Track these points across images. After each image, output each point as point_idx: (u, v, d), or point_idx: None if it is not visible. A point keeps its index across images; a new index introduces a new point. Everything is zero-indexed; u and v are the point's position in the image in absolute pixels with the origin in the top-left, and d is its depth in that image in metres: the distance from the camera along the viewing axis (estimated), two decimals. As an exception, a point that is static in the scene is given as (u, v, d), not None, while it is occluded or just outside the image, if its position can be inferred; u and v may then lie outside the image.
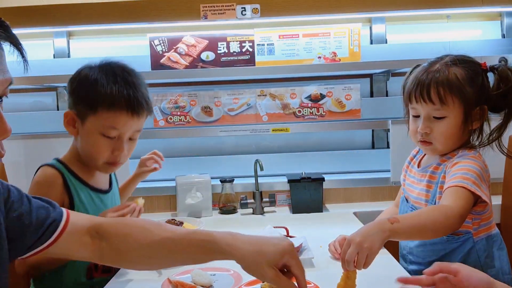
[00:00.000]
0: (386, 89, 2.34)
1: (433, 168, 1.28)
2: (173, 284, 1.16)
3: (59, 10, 2.05)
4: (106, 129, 1.21)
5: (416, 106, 1.26)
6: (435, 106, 1.21)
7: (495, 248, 1.24)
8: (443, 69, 1.22)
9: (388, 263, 1.31)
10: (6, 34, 0.65)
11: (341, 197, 2.16)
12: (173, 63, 2.18)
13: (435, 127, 1.23)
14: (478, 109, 1.21)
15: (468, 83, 1.20)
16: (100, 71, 1.23)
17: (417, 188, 1.32)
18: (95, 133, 1.22)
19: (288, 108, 2.20)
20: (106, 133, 1.22)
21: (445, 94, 1.19)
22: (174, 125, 2.20)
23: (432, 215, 1.08)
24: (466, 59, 1.25)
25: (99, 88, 1.20)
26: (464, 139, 1.26)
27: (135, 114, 1.21)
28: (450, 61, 1.23)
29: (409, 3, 2.08)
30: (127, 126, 1.22)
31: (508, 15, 2.32)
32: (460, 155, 1.23)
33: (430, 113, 1.23)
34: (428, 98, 1.21)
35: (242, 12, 2.06)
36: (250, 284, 1.15)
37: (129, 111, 1.20)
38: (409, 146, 1.44)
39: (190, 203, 1.99)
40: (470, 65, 1.23)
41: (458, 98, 1.20)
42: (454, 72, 1.21)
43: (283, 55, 2.19)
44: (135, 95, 1.21)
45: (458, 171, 1.18)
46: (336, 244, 1.39)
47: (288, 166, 2.27)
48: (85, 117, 1.23)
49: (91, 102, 1.21)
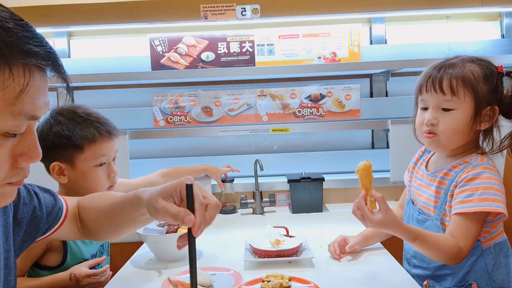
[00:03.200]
0: (386, 89, 2.34)
1: (443, 174, 1.25)
2: (173, 284, 1.17)
3: (59, 10, 2.06)
4: (98, 158, 1.37)
5: (426, 96, 1.23)
6: (446, 96, 1.19)
7: (501, 255, 1.22)
8: (459, 64, 1.21)
9: (391, 266, 1.31)
10: (53, 67, 0.67)
11: (341, 197, 2.16)
12: (173, 63, 2.18)
13: (442, 119, 1.20)
14: (489, 109, 1.19)
15: (482, 81, 1.18)
16: (66, 120, 1.36)
17: (425, 193, 1.29)
18: (90, 167, 1.37)
19: (288, 108, 2.21)
20: (100, 163, 1.38)
21: (457, 86, 1.18)
22: (174, 125, 2.21)
23: (447, 251, 1.14)
24: (483, 58, 1.23)
25: (75, 132, 1.35)
26: (470, 139, 1.23)
27: (113, 136, 1.41)
28: (467, 58, 1.22)
29: (409, 3, 2.08)
30: (111, 148, 1.41)
31: (507, 15, 2.32)
32: (474, 165, 1.19)
33: (439, 104, 1.21)
34: (439, 88, 1.19)
35: (242, 12, 2.06)
36: (250, 284, 1.15)
37: (107, 135, 1.39)
38: (409, 146, 1.44)
39: (190, 203, 1.99)
40: (487, 65, 1.21)
41: (470, 93, 1.18)
42: (470, 68, 1.19)
43: (283, 55, 2.19)
44: (104, 121, 1.41)
45: (482, 190, 1.15)
46: (336, 244, 1.39)
47: (288, 166, 2.27)
48: (72, 161, 1.37)
49: (75, 145, 1.35)
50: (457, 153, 1.25)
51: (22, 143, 0.67)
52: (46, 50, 0.64)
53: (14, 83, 0.60)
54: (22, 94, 0.61)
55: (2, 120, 0.61)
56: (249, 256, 1.35)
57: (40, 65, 0.63)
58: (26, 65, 0.61)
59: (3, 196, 0.70)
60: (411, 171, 1.40)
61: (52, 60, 0.65)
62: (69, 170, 1.37)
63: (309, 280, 1.15)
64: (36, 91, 0.64)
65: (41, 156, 0.70)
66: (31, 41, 0.62)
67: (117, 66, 2.27)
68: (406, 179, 1.44)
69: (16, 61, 0.60)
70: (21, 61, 0.60)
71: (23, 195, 0.93)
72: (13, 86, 0.60)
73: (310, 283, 1.14)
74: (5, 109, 0.61)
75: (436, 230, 1.22)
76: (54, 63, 0.66)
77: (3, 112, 0.61)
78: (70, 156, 1.35)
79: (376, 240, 1.45)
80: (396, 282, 1.17)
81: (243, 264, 1.32)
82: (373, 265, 1.31)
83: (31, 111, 0.64)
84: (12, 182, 0.69)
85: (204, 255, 1.45)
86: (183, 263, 1.36)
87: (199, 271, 1.19)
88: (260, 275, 1.17)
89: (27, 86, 0.62)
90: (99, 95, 2.34)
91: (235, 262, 1.34)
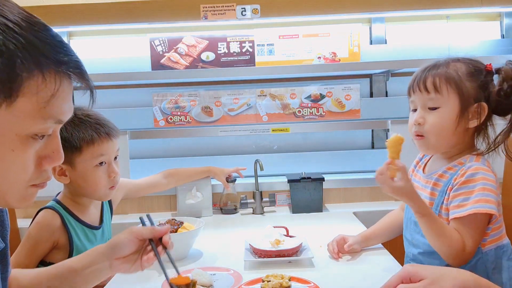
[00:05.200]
0: (386, 89, 2.34)
1: (438, 176, 1.25)
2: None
3: (59, 10, 2.06)
4: (97, 158, 1.38)
5: (413, 97, 1.25)
6: (430, 95, 1.20)
7: (504, 258, 1.20)
8: (444, 63, 1.22)
9: (392, 267, 1.31)
10: (80, 75, 0.71)
11: (341, 197, 2.16)
12: (173, 63, 2.18)
13: (428, 118, 1.21)
14: (476, 106, 1.18)
15: (467, 78, 1.19)
16: (65, 122, 1.37)
17: (422, 194, 1.28)
18: (90, 168, 1.39)
19: (288, 108, 2.21)
20: (99, 162, 1.39)
21: (440, 83, 1.19)
22: (174, 125, 2.21)
23: (450, 242, 1.14)
24: (470, 57, 1.24)
25: (73, 134, 1.36)
26: (463, 140, 1.23)
27: (112, 137, 1.41)
28: (454, 58, 1.23)
29: (409, 3, 2.08)
30: (110, 148, 1.41)
31: (507, 15, 2.32)
32: (469, 166, 1.19)
33: (425, 103, 1.22)
34: (423, 87, 1.21)
35: (242, 12, 2.06)
36: (250, 284, 1.15)
37: (106, 136, 1.40)
38: (409, 146, 1.44)
39: (190, 203, 1.99)
40: (473, 63, 1.22)
41: (454, 89, 1.18)
42: (454, 67, 1.20)
43: (283, 55, 2.19)
44: (104, 123, 1.42)
45: (477, 192, 1.15)
46: (334, 243, 1.39)
47: (288, 166, 2.27)
48: (72, 161, 1.38)
49: (73, 146, 1.36)
50: (453, 154, 1.25)
51: (47, 146, 0.72)
52: (74, 60, 0.70)
53: (46, 88, 0.66)
54: (52, 98, 0.67)
55: (34, 123, 0.66)
56: (249, 256, 1.35)
57: (69, 73, 0.69)
58: (58, 72, 0.67)
59: (26, 198, 0.73)
60: (411, 175, 1.40)
61: (79, 68, 0.71)
62: (70, 171, 1.39)
63: (309, 280, 1.15)
64: (64, 97, 0.69)
65: (63, 159, 0.74)
66: (61, 50, 0.68)
67: (117, 66, 2.27)
68: None
69: (49, 69, 0.66)
70: (54, 69, 0.66)
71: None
72: (45, 91, 0.66)
73: (310, 283, 1.14)
74: (37, 113, 0.66)
75: None
76: (81, 71, 0.71)
77: (35, 116, 0.66)
78: (69, 157, 1.36)
79: (377, 241, 1.45)
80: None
81: (243, 264, 1.33)
82: (373, 265, 1.31)
83: (58, 115, 0.69)
84: (36, 184, 0.73)
85: (204, 255, 1.45)
86: (183, 263, 1.36)
87: (199, 271, 1.19)
88: (260, 275, 1.17)
89: (57, 92, 0.67)
90: (99, 95, 2.27)
91: (235, 262, 1.34)
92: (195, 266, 1.31)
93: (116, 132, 1.45)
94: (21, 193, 0.71)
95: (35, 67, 0.63)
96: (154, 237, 0.98)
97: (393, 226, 1.45)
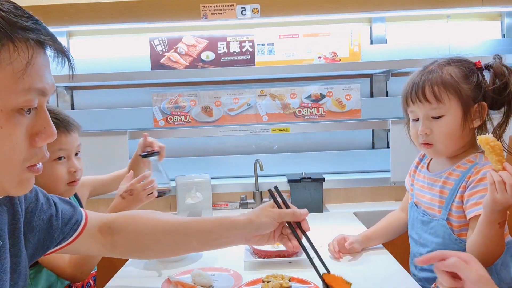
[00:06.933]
0: (386, 89, 2.34)
1: (447, 174, 1.25)
2: (173, 284, 1.16)
3: (58, 10, 2.06)
4: (55, 153, 1.34)
5: (414, 108, 1.25)
6: (432, 105, 1.20)
7: (508, 254, 1.20)
8: (436, 69, 1.22)
9: (392, 267, 1.31)
10: (53, 42, 0.71)
11: (341, 197, 2.16)
12: (173, 63, 2.17)
13: (434, 127, 1.22)
14: (477, 106, 1.20)
15: (463, 81, 1.20)
16: None
17: (429, 194, 1.29)
18: (48, 162, 1.34)
19: (288, 108, 2.20)
20: (57, 156, 1.36)
21: (440, 92, 1.19)
22: (174, 125, 2.20)
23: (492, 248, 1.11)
24: (459, 59, 1.25)
25: None
26: (466, 139, 1.23)
27: (71, 131, 1.39)
28: (444, 62, 1.24)
29: (409, 3, 2.08)
30: (69, 143, 1.38)
31: (508, 15, 2.32)
32: (482, 164, 1.18)
33: (428, 113, 1.22)
34: (424, 98, 1.21)
35: (242, 12, 2.06)
36: (250, 284, 1.15)
37: (64, 130, 1.36)
38: (409, 146, 1.44)
39: (190, 203, 1.99)
40: (464, 64, 1.23)
41: (454, 96, 1.19)
42: (448, 72, 1.21)
43: (283, 55, 2.19)
44: (63, 117, 1.38)
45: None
46: (335, 243, 1.39)
47: (288, 166, 2.27)
48: None
49: None
50: (459, 153, 1.26)
51: (36, 122, 0.71)
52: (44, 27, 0.70)
53: (19, 56, 0.65)
54: (29, 66, 0.66)
55: (15, 96, 0.66)
56: (249, 257, 1.35)
57: (40, 40, 0.68)
58: (28, 40, 0.66)
59: (22, 183, 0.72)
60: (413, 175, 1.40)
61: (50, 35, 0.70)
62: None
63: (309, 281, 1.15)
64: (41, 66, 0.69)
65: (56, 134, 0.73)
66: (30, 20, 0.67)
67: (116, 66, 2.27)
68: (407, 183, 1.43)
69: (18, 36, 0.65)
70: (23, 36, 0.66)
71: (42, 202, 0.93)
72: (19, 59, 0.65)
73: (310, 283, 1.14)
74: (16, 84, 0.65)
75: (442, 230, 1.21)
76: (53, 38, 0.71)
77: (15, 88, 0.65)
78: None
79: (377, 241, 1.44)
80: (396, 282, 1.17)
81: (243, 264, 1.32)
82: (373, 265, 1.30)
83: (38, 85, 0.68)
84: (32, 165, 0.72)
85: (204, 255, 1.44)
86: (183, 263, 1.36)
87: (199, 271, 1.18)
88: (260, 276, 1.17)
89: (32, 58, 0.67)
90: (98, 95, 2.33)
91: (235, 263, 1.34)
92: (195, 267, 1.31)
93: (75, 127, 1.42)
94: (17, 177, 0.70)
95: (3, 36, 0.63)
96: (293, 220, 1.04)
97: (393, 227, 1.46)
